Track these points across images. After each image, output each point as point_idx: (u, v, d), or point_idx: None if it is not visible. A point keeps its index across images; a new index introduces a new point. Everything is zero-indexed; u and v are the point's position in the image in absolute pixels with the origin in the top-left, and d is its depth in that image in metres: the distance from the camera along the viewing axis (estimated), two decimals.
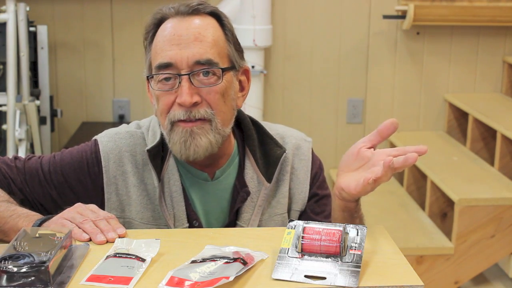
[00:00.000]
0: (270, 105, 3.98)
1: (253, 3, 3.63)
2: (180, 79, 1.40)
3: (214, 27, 1.44)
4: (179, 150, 1.42)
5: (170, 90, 1.42)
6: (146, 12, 3.76)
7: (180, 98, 1.40)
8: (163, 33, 1.43)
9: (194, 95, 1.40)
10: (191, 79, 1.40)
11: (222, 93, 1.42)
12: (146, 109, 3.92)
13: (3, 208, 1.39)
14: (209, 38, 1.42)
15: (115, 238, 1.26)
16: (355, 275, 1.12)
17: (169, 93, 1.42)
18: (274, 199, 1.54)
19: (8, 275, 1.07)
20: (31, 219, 1.35)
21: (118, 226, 1.30)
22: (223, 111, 1.43)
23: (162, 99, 1.43)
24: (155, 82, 1.44)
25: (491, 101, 3.93)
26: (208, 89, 1.41)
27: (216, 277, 1.08)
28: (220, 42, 1.44)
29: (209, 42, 1.42)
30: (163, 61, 1.41)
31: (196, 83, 1.41)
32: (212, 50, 1.42)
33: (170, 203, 1.48)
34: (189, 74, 1.40)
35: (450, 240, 3.12)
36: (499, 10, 3.88)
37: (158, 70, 1.42)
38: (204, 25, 1.43)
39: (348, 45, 3.97)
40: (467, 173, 3.39)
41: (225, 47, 1.45)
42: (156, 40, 1.45)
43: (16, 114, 3.29)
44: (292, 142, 1.57)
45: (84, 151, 1.52)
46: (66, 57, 3.89)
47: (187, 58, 1.40)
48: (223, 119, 1.44)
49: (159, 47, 1.43)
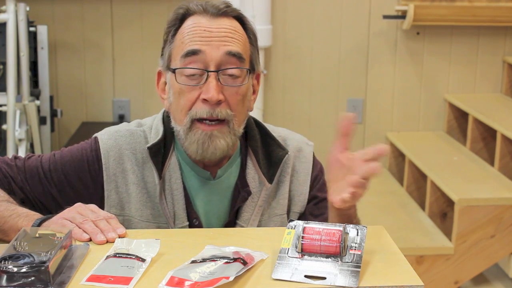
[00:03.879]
0: (270, 105, 3.97)
1: (253, 3, 3.63)
2: (208, 75, 1.41)
3: (240, 30, 1.47)
4: (196, 150, 1.43)
5: (195, 86, 1.42)
6: (146, 12, 3.77)
7: (207, 94, 1.40)
8: (191, 27, 1.44)
9: (220, 93, 1.41)
10: (218, 77, 1.41)
11: (243, 94, 1.45)
12: (146, 109, 3.92)
13: (3, 208, 1.39)
14: (239, 37, 1.45)
15: (115, 238, 1.27)
16: (355, 275, 1.12)
17: (193, 89, 1.42)
18: (274, 200, 1.54)
19: (8, 275, 1.07)
20: (31, 219, 1.35)
21: (118, 226, 1.30)
22: (240, 113, 1.46)
23: (185, 94, 1.43)
24: (179, 75, 1.44)
25: (491, 101, 3.93)
26: (232, 89, 1.43)
27: (216, 277, 1.08)
28: (246, 44, 1.48)
29: (239, 40, 1.45)
30: (192, 48, 1.41)
31: (223, 81, 1.42)
32: (242, 47, 1.45)
33: (171, 201, 1.49)
34: (217, 71, 1.41)
35: (450, 240, 3.12)
36: (499, 10, 3.88)
37: (185, 58, 1.42)
38: (233, 26, 1.46)
39: (348, 45, 3.97)
40: (467, 173, 3.39)
41: (248, 50, 1.48)
42: (182, 32, 1.45)
43: (16, 114, 3.29)
44: (293, 144, 1.58)
45: (84, 148, 1.52)
46: (66, 57, 3.89)
47: (217, 49, 1.41)
48: (239, 121, 1.46)
49: (187, 38, 1.43)
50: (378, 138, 4.01)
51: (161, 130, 1.50)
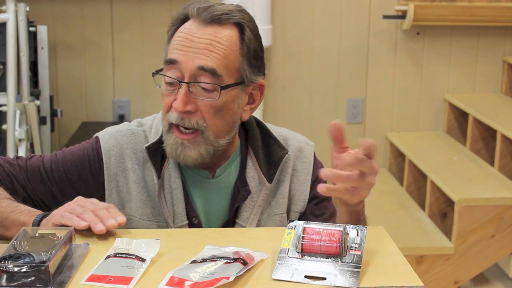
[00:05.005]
0: (270, 105, 3.97)
1: (253, 3, 3.63)
2: (180, 85, 1.42)
3: (229, 40, 1.43)
4: (170, 154, 1.46)
5: (172, 92, 1.44)
6: (146, 12, 3.77)
7: (175, 102, 1.43)
8: (180, 33, 1.45)
9: (189, 103, 1.42)
10: (190, 88, 1.42)
11: (218, 108, 1.43)
12: (146, 109, 3.92)
13: (5, 204, 1.40)
14: (220, 50, 1.42)
15: (115, 225, 1.27)
16: (355, 275, 1.12)
17: (170, 94, 1.44)
18: (273, 199, 1.55)
19: (8, 275, 1.07)
20: (32, 214, 1.36)
21: (118, 214, 1.30)
22: (216, 124, 1.44)
23: (164, 98, 1.46)
24: (162, 79, 1.46)
25: (491, 101, 3.93)
26: (204, 102, 1.42)
27: (216, 277, 1.08)
28: (232, 56, 1.43)
29: (218, 54, 1.41)
30: (171, 57, 1.43)
31: (195, 92, 1.42)
32: (220, 62, 1.41)
33: (170, 200, 1.49)
34: (188, 83, 1.41)
35: (450, 240, 3.12)
36: (499, 10, 3.88)
37: (166, 66, 1.45)
38: (219, 37, 1.42)
39: (348, 45, 3.97)
40: (467, 173, 3.39)
41: (236, 62, 1.44)
42: (174, 36, 1.46)
43: (16, 114, 3.29)
44: (294, 144, 1.58)
45: (85, 148, 1.54)
46: (66, 57, 3.89)
47: (192, 62, 1.41)
48: (216, 132, 1.45)
49: (172, 44, 1.45)
50: (378, 138, 4.01)
51: (161, 130, 1.51)
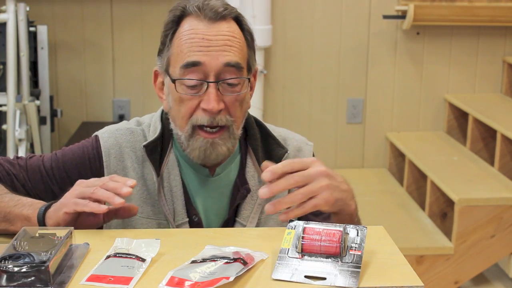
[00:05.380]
0: (270, 105, 3.97)
1: (253, 3, 3.63)
2: (208, 86, 1.42)
3: (238, 34, 1.47)
4: (198, 156, 1.46)
5: (194, 95, 1.43)
6: (146, 12, 3.77)
7: (207, 104, 1.42)
8: (189, 34, 1.43)
9: (220, 102, 1.43)
10: (218, 86, 1.42)
11: (241, 100, 1.47)
12: (146, 109, 3.92)
13: (7, 199, 1.40)
14: (237, 44, 1.45)
15: (130, 191, 1.27)
16: (355, 275, 1.12)
17: (193, 97, 1.44)
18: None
19: (8, 275, 1.07)
20: (35, 207, 1.35)
21: (126, 179, 1.30)
22: (239, 117, 1.48)
23: (186, 102, 1.44)
24: (179, 85, 1.44)
25: (491, 101, 3.93)
26: (231, 97, 1.44)
27: (216, 277, 1.08)
28: (244, 48, 1.48)
29: (236, 48, 1.45)
30: (191, 60, 1.42)
31: (222, 90, 1.43)
32: (240, 55, 1.45)
33: (170, 197, 1.50)
34: (217, 82, 1.42)
35: (450, 240, 3.12)
36: (499, 10, 3.88)
37: (185, 69, 1.43)
38: (231, 32, 1.45)
39: (348, 45, 3.97)
40: (467, 173, 3.39)
41: (246, 53, 1.49)
42: (179, 38, 1.45)
43: (16, 114, 3.29)
44: (293, 144, 1.59)
45: (85, 146, 1.54)
46: (66, 57, 3.89)
47: (216, 60, 1.41)
48: (238, 124, 1.48)
49: (186, 46, 1.43)
50: (378, 138, 4.01)
51: (159, 128, 1.52)
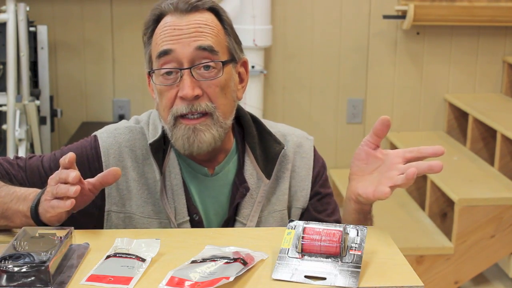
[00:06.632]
0: (270, 105, 3.98)
1: (253, 3, 3.63)
2: (182, 73, 1.43)
3: (213, 22, 1.48)
4: (182, 146, 1.45)
5: (172, 85, 1.44)
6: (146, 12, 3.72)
7: (182, 91, 1.42)
8: (163, 28, 1.46)
9: (196, 88, 1.43)
10: (192, 73, 1.43)
11: (222, 86, 1.45)
12: (146, 108, 3.85)
13: (3, 194, 1.39)
14: (209, 30, 1.46)
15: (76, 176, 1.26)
16: (355, 275, 1.12)
17: (171, 88, 1.45)
18: (273, 195, 1.55)
19: (8, 275, 1.07)
20: (28, 203, 1.35)
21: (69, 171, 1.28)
22: (223, 104, 1.46)
23: (165, 94, 1.46)
24: (156, 77, 1.46)
25: (491, 101, 3.93)
26: (208, 83, 1.44)
27: (216, 277, 1.08)
28: (220, 35, 1.48)
29: (209, 33, 1.45)
30: (163, 48, 1.43)
31: (197, 76, 1.44)
32: (213, 39, 1.45)
33: (171, 196, 1.50)
34: (190, 68, 1.42)
35: (450, 240, 3.12)
36: (499, 10, 3.88)
37: (159, 59, 1.44)
38: (204, 20, 1.46)
39: (348, 45, 3.97)
40: (467, 173, 3.39)
41: (225, 40, 1.48)
42: (155, 34, 1.48)
43: (16, 114, 3.29)
44: (293, 140, 1.59)
45: (84, 146, 1.54)
46: (66, 57, 3.89)
47: (188, 46, 1.42)
48: (223, 112, 1.46)
49: (160, 38, 1.45)
50: None
51: (160, 127, 1.52)
